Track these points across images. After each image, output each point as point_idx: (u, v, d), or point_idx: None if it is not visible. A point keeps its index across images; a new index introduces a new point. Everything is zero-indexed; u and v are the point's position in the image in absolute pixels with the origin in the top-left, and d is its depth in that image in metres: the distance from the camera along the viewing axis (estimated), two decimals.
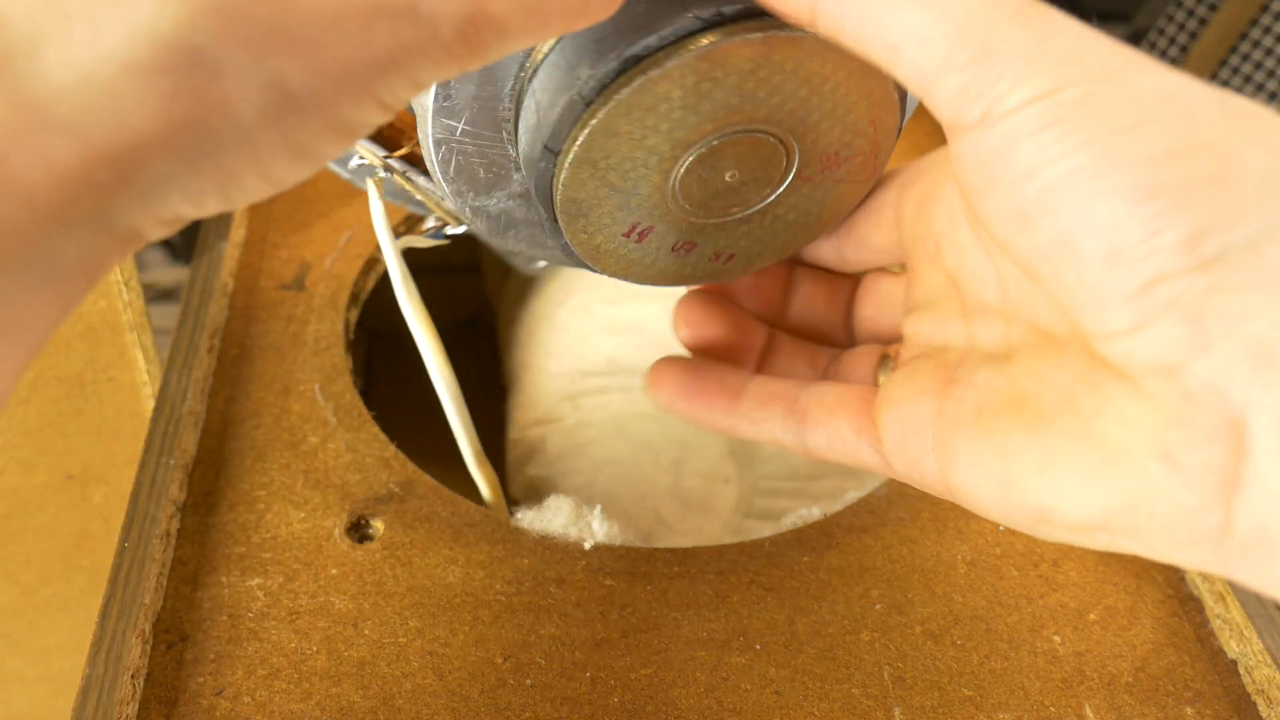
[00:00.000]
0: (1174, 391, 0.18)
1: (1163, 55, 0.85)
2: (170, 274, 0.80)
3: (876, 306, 0.30)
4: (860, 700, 0.29)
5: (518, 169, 0.27)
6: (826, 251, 0.31)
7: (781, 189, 0.26)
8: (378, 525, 0.32)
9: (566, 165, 0.23)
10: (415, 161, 0.32)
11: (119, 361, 0.42)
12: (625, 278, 0.27)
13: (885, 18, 0.20)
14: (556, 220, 0.25)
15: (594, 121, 0.23)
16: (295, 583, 0.30)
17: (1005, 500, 0.22)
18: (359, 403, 0.36)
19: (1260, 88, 0.79)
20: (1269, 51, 0.78)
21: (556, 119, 0.23)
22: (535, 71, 0.24)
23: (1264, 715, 0.29)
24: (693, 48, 0.22)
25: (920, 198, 0.27)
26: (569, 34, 0.24)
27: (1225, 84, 0.81)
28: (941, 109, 0.21)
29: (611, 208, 0.25)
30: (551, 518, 0.33)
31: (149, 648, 0.29)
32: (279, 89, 0.16)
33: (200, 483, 0.33)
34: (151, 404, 0.40)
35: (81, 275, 0.17)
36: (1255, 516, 0.18)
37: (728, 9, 0.22)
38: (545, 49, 0.24)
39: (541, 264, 0.40)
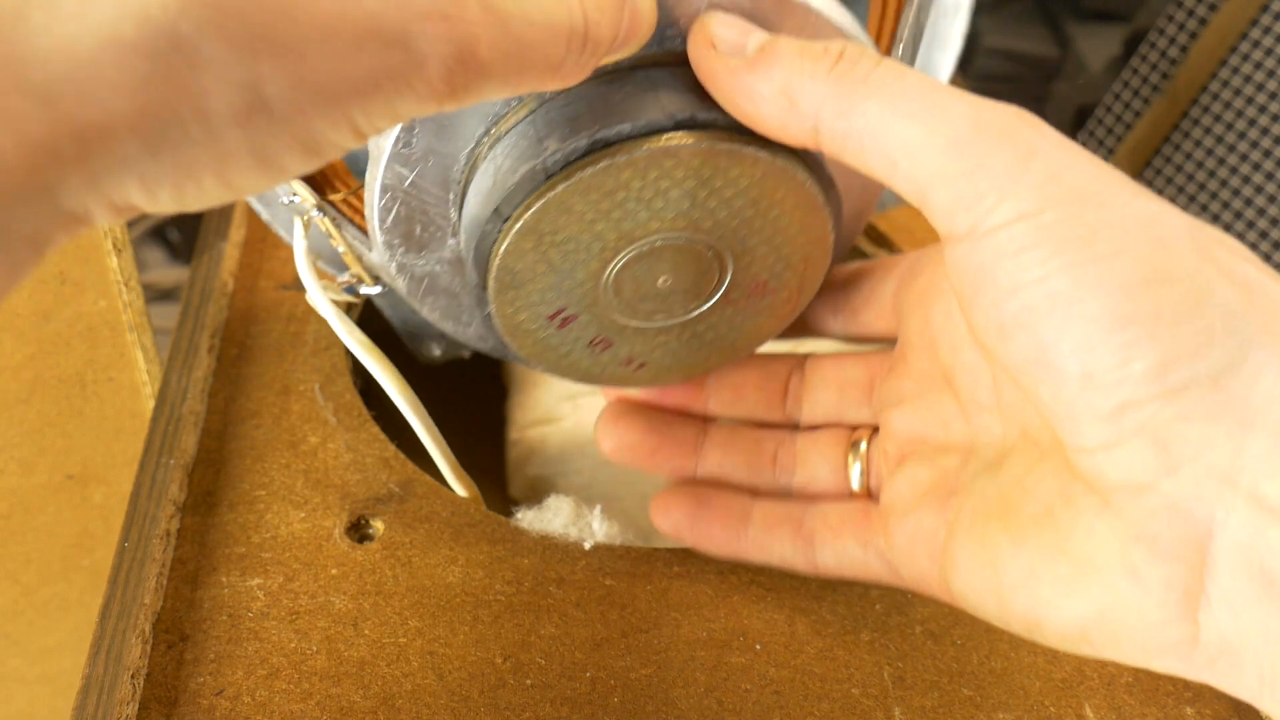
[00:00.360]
0: (1140, 509, 0.19)
1: (1163, 55, 0.85)
2: (170, 274, 0.80)
3: (840, 391, 0.30)
4: (860, 700, 0.29)
5: (454, 234, 0.27)
6: (833, 326, 0.31)
7: (707, 306, 0.26)
8: (378, 525, 0.32)
9: (513, 232, 0.24)
10: (341, 211, 0.32)
11: (119, 361, 0.42)
12: (536, 363, 0.27)
13: (881, 133, 0.21)
14: (487, 288, 0.25)
15: (551, 194, 0.23)
16: (295, 583, 0.30)
17: (1000, 610, 0.23)
18: (359, 403, 0.36)
19: (1260, 87, 0.79)
20: (1269, 51, 0.78)
21: (514, 184, 0.23)
22: (500, 139, 0.25)
23: (1264, 715, 0.29)
24: (661, 142, 0.23)
25: (921, 291, 0.28)
26: (542, 109, 0.24)
27: (1226, 83, 0.81)
28: (935, 219, 0.21)
29: (544, 286, 0.25)
30: (551, 518, 0.33)
31: (149, 648, 0.29)
32: (254, 92, 0.16)
33: (200, 483, 0.33)
34: (151, 404, 0.40)
35: (29, 249, 0.16)
36: (1219, 629, 0.19)
37: (702, 115, 0.23)
38: (514, 120, 0.24)
39: (436, 353, 0.40)
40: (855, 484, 0.29)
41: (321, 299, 0.31)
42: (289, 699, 0.28)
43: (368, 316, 0.39)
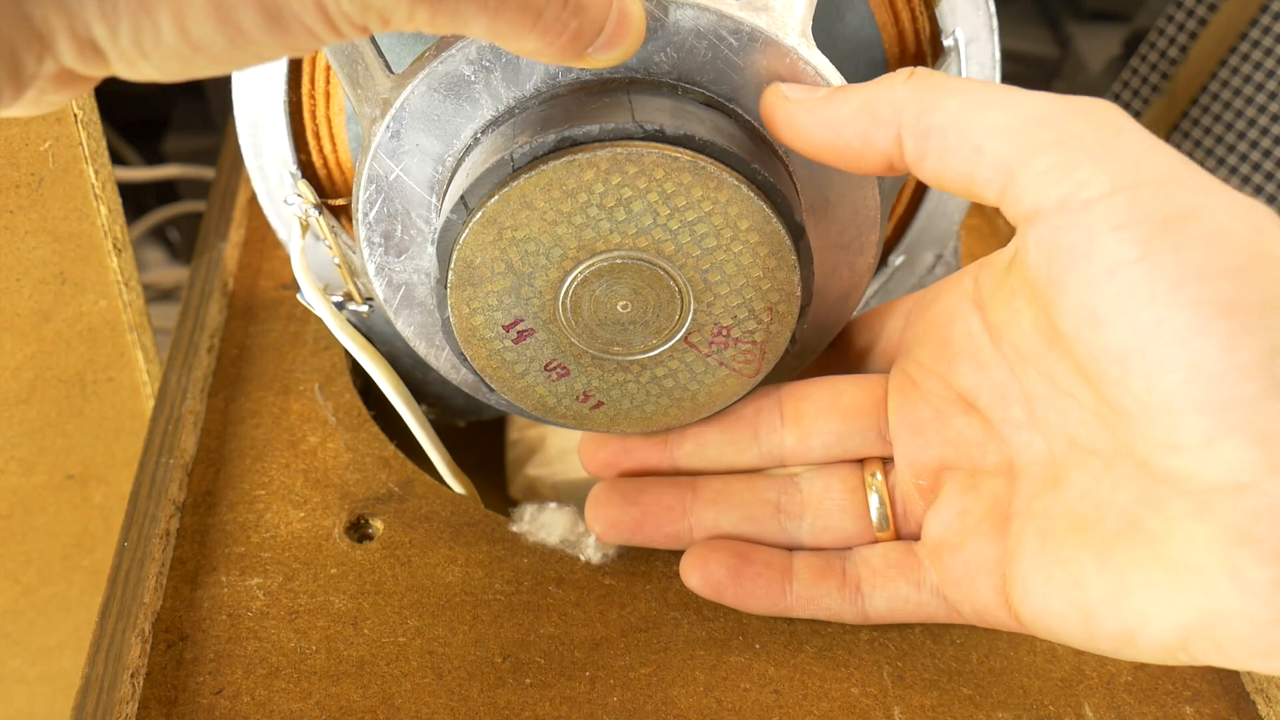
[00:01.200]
0: (1240, 510, 0.19)
1: (1163, 55, 0.85)
2: (170, 274, 0.80)
3: (844, 419, 0.28)
4: (860, 700, 0.29)
5: (433, 243, 0.27)
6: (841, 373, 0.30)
7: (667, 345, 0.26)
8: (377, 525, 0.32)
9: (474, 222, 0.24)
10: (339, 220, 0.32)
11: (119, 361, 0.42)
12: (491, 381, 0.27)
13: (964, 123, 0.21)
14: (446, 284, 0.25)
15: (515, 183, 0.23)
16: (295, 582, 0.31)
17: (1087, 629, 0.22)
18: (359, 402, 0.36)
19: (1260, 88, 0.79)
20: (1269, 52, 0.78)
21: (481, 175, 0.24)
22: (481, 141, 0.25)
23: (1263, 714, 0.29)
24: (624, 146, 0.23)
25: (934, 318, 0.27)
26: (523, 114, 0.25)
27: (1225, 84, 0.81)
28: (1022, 196, 0.21)
29: (501, 289, 0.25)
30: (546, 536, 0.32)
31: (149, 647, 0.29)
32: None
33: (200, 482, 0.33)
34: (151, 404, 0.40)
35: (2, 64, 0.16)
36: None
37: (670, 129, 0.23)
38: (498, 124, 0.25)
39: (430, 417, 0.40)
40: (875, 516, 0.28)
41: (315, 297, 0.31)
42: (289, 698, 0.28)
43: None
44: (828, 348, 0.31)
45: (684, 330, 0.26)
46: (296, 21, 0.17)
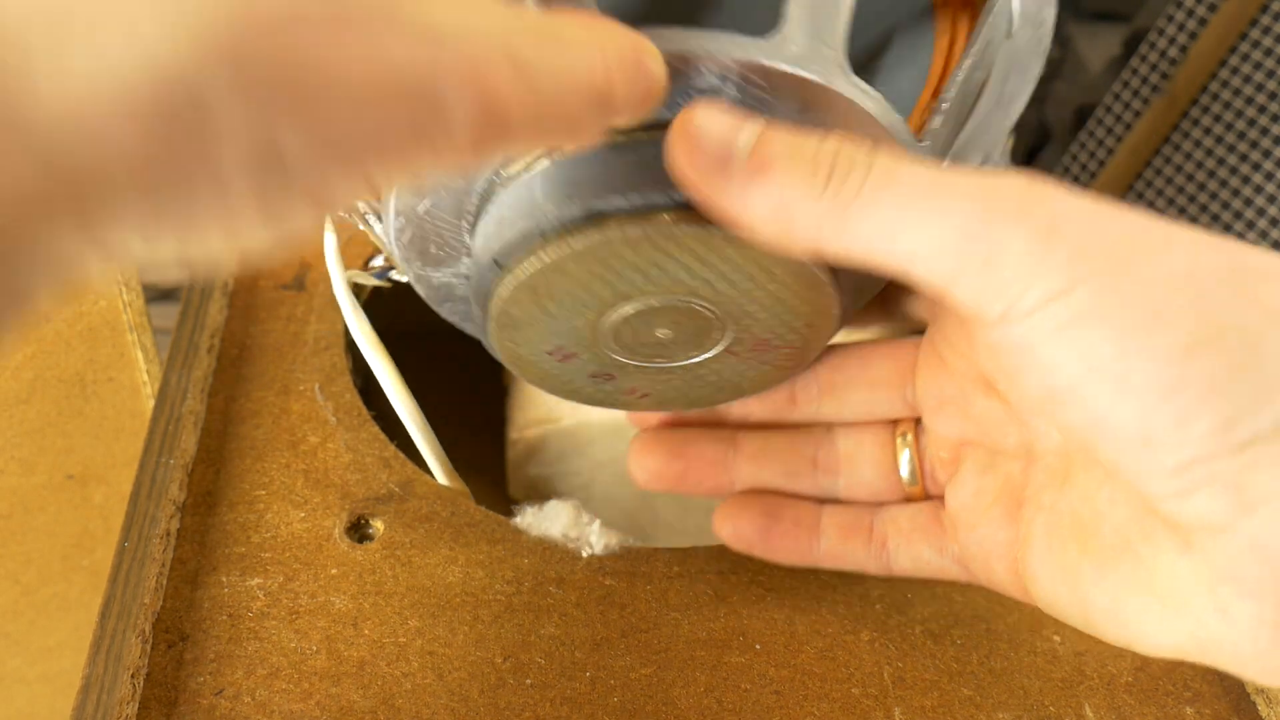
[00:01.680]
0: (1222, 550, 0.19)
1: (1162, 55, 0.85)
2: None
3: (870, 389, 0.29)
4: (860, 700, 0.29)
5: (468, 254, 0.27)
6: (871, 321, 0.30)
7: (708, 356, 0.26)
8: (377, 525, 0.32)
9: (509, 283, 0.23)
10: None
11: (119, 361, 0.42)
12: (540, 386, 0.27)
13: (887, 243, 0.21)
14: (487, 328, 0.25)
15: (545, 255, 0.23)
16: (295, 582, 0.30)
17: (1088, 623, 0.23)
18: (359, 402, 0.36)
19: (1260, 88, 0.79)
20: (1269, 52, 0.78)
21: (512, 240, 0.23)
22: (506, 184, 0.24)
23: (1264, 715, 0.29)
24: (654, 222, 0.22)
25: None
26: (551, 165, 0.24)
27: (1225, 84, 0.81)
28: (961, 306, 0.21)
29: (542, 329, 0.25)
30: (549, 526, 0.33)
31: (149, 647, 0.29)
32: (270, 151, 0.15)
33: (200, 482, 0.33)
34: (151, 404, 0.40)
35: (7, 299, 0.15)
36: None
37: None
38: (519, 166, 0.24)
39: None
40: (905, 473, 0.29)
41: (344, 292, 0.31)
42: (289, 699, 0.28)
43: (375, 316, 0.39)
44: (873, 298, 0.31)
45: (724, 344, 0.26)
46: (343, 203, 0.17)
